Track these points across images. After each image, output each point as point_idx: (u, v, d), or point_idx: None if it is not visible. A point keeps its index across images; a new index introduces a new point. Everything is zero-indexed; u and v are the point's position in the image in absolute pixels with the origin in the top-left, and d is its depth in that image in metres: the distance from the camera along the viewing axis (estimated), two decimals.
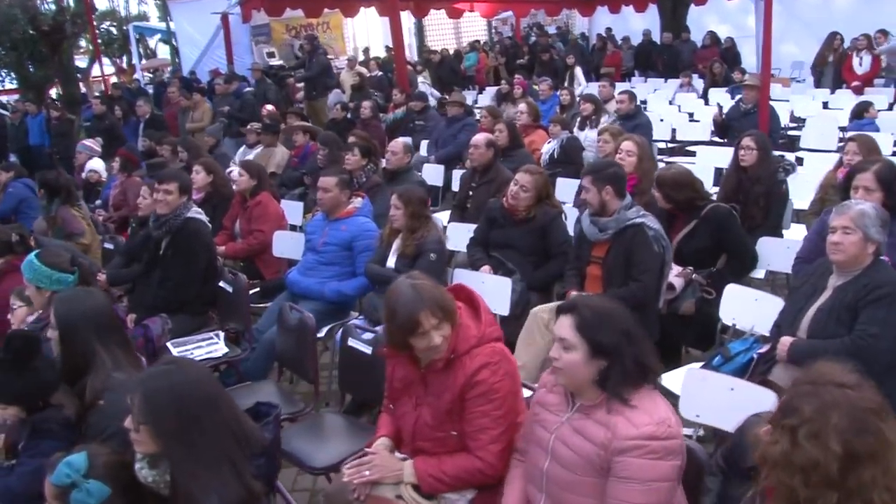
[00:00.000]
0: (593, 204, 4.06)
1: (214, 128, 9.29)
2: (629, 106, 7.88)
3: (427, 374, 2.57)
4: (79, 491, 1.88)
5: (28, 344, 2.52)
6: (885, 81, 10.50)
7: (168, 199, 4.54)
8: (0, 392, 2.55)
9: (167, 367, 2.07)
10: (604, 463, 2.14)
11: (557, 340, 2.22)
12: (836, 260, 3.22)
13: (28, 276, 3.31)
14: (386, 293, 2.57)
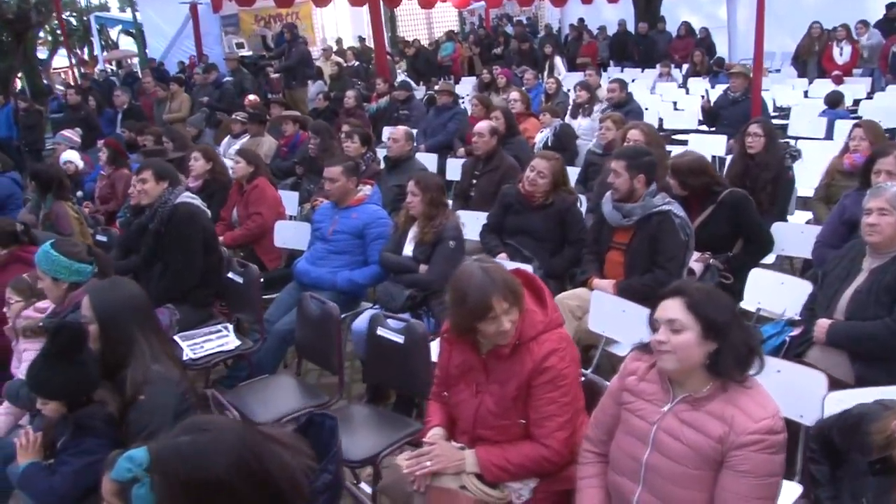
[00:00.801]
0: (621, 190, 4.00)
1: (196, 118, 9.06)
2: (620, 94, 7.87)
3: (488, 361, 2.50)
4: (140, 486, 1.74)
5: (75, 337, 2.39)
6: (862, 71, 10.65)
7: (145, 188, 4.39)
8: (44, 386, 2.43)
9: (191, 432, 1.66)
10: (718, 456, 2.08)
11: (665, 323, 2.14)
12: (873, 241, 3.21)
13: (45, 267, 3.15)
14: (454, 276, 2.48)
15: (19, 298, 3.40)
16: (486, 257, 2.59)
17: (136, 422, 2.42)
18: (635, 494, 2.22)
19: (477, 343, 2.50)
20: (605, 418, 2.40)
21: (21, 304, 3.39)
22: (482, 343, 2.50)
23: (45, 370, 2.40)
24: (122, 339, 2.52)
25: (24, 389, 3.13)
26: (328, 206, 4.73)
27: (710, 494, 2.11)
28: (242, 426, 1.70)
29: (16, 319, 3.36)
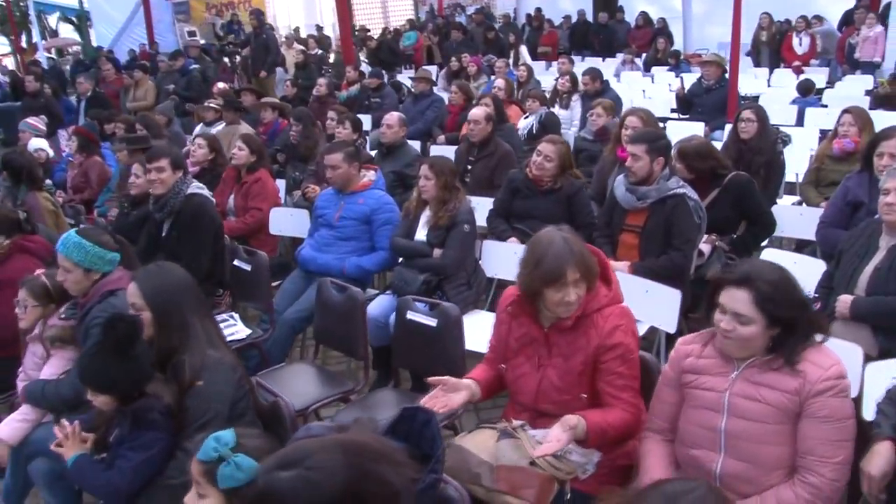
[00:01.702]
0: (640, 173, 4.02)
1: (166, 106, 8.83)
2: (594, 86, 7.96)
3: (550, 334, 2.51)
4: (227, 465, 1.74)
5: (131, 330, 2.31)
6: (819, 62, 10.97)
7: (162, 177, 4.28)
8: (98, 380, 2.35)
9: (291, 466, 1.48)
10: (797, 408, 2.16)
11: (731, 315, 2.19)
12: (891, 220, 3.32)
13: (78, 258, 3.00)
14: (533, 240, 2.49)
15: (36, 303, 3.21)
16: (568, 228, 2.56)
17: (195, 409, 2.37)
18: (716, 463, 2.26)
19: (539, 316, 2.51)
20: (664, 406, 2.45)
21: (38, 309, 3.21)
22: (545, 316, 2.51)
23: (100, 364, 2.32)
24: (177, 325, 2.45)
25: (49, 388, 3.03)
26: (331, 193, 4.66)
27: (790, 447, 2.19)
28: (348, 449, 1.58)
29: (41, 326, 3.20)
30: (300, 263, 4.59)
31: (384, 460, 1.61)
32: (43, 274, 3.27)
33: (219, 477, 1.73)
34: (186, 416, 2.36)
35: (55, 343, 3.13)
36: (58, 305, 3.23)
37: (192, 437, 2.34)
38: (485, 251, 4.40)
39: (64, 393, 2.97)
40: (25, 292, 3.21)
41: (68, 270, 3.02)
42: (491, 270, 4.35)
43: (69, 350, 3.14)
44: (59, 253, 3.05)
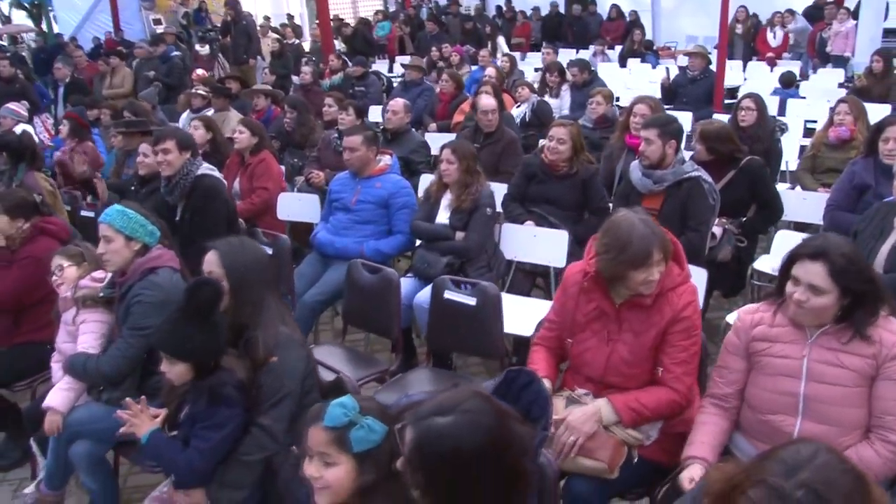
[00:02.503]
0: (653, 157, 4.12)
1: (149, 92, 8.69)
2: (581, 76, 8.07)
3: (622, 310, 2.58)
4: (359, 428, 1.74)
5: (215, 295, 2.28)
6: (791, 55, 11.25)
7: (168, 158, 4.25)
8: (180, 346, 2.30)
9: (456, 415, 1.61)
10: (873, 371, 2.27)
11: (806, 286, 2.27)
12: None
13: (120, 224, 2.96)
14: (611, 225, 2.53)
15: (71, 262, 3.21)
16: (639, 209, 2.63)
17: (269, 385, 2.36)
18: (795, 426, 2.36)
19: (611, 292, 2.58)
20: (731, 374, 2.53)
21: (74, 268, 3.21)
22: (618, 293, 2.58)
23: (181, 329, 2.28)
24: (252, 300, 2.43)
25: (91, 364, 3.00)
26: (347, 177, 4.67)
27: (866, 409, 2.30)
28: (490, 403, 1.68)
29: (72, 285, 3.16)
30: (316, 247, 4.58)
31: (511, 416, 1.68)
32: (76, 243, 3.28)
33: (353, 441, 1.73)
34: (260, 392, 2.35)
35: (87, 302, 3.10)
36: (90, 267, 3.23)
37: (267, 413, 2.36)
38: (504, 234, 4.46)
39: (105, 371, 2.96)
40: (59, 257, 3.23)
41: (110, 240, 2.98)
42: (510, 253, 4.41)
43: (100, 311, 3.12)
44: (101, 223, 3.02)
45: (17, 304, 3.65)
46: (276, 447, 2.37)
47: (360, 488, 1.75)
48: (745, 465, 1.46)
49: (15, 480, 3.75)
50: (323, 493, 1.77)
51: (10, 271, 3.63)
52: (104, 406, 3.01)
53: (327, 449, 1.76)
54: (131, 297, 2.96)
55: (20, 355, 3.68)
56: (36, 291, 3.66)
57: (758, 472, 1.38)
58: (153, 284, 2.96)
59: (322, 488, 1.77)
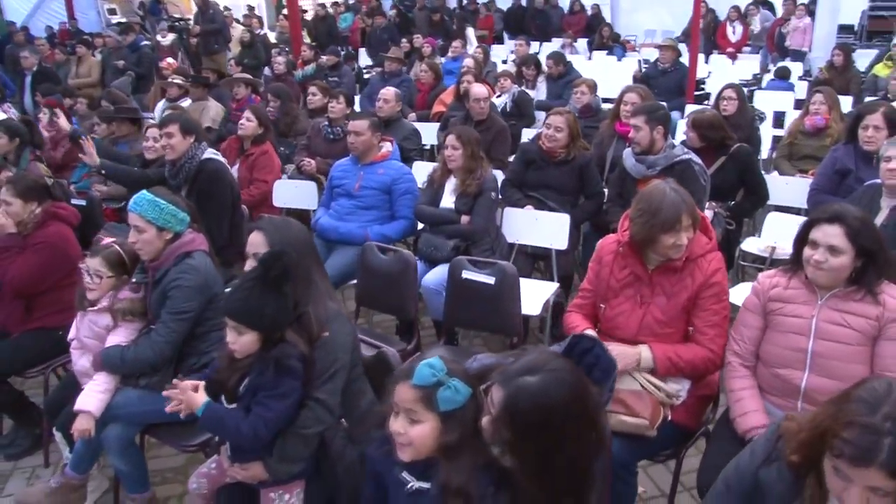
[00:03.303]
0: (643, 143, 4.31)
1: (122, 82, 8.55)
2: (557, 69, 8.25)
3: (655, 275, 2.75)
4: (446, 388, 1.82)
5: (287, 266, 2.31)
6: (751, 49, 11.62)
7: (172, 142, 4.29)
8: (255, 315, 2.29)
9: (543, 374, 1.73)
10: (875, 332, 2.46)
11: (825, 247, 2.46)
12: (892, 184, 3.69)
13: (152, 215, 2.97)
14: (645, 194, 2.72)
15: (111, 274, 3.14)
16: (672, 181, 2.79)
17: (323, 359, 2.40)
18: (802, 380, 2.55)
19: (645, 259, 2.75)
20: (750, 332, 2.71)
21: (112, 280, 3.14)
22: (650, 259, 2.75)
23: (256, 298, 2.28)
24: (302, 277, 2.47)
25: (128, 353, 3.00)
26: (348, 163, 4.74)
27: (868, 366, 2.49)
28: (570, 363, 1.81)
29: (110, 298, 3.13)
30: (318, 233, 4.63)
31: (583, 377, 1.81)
32: (115, 243, 3.22)
33: (440, 400, 1.81)
34: (314, 367, 2.40)
35: (126, 316, 3.09)
36: (129, 278, 3.19)
37: (322, 387, 2.42)
38: (506, 218, 4.58)
39: (149, 356, 2.97)
40: (100, 262, 3.13)
41: (141, 230, 2.98)
42: (512, 236, 4.54)
43: (136, 322, 3.13)
44: (132, 212, 3.00)
45: (33, 289, 3.61)
46: (332, 420, 2.43)
47: (442, 446, 1.84)
48: (826, 412, 1.60)
49: (28, 468, 3.73)
50: (406, 449, 1.85)
51: (24, 257, 3.58)
52: (138, 390, 3.03)
53: (414, 406, 1.84)
54: (168, 281, 2.98)
55: (33, 342, 3.65)
56: (51, 277, 3.64)
57: (843, 415, 1.52)
58: (191, 268, 2.99)
59: (405, 444, 1.85)
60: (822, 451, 1.58)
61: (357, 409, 2.56)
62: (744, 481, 1.81)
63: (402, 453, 1.86)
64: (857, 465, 1.48)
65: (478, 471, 1.79)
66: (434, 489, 1.84)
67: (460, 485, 1.77)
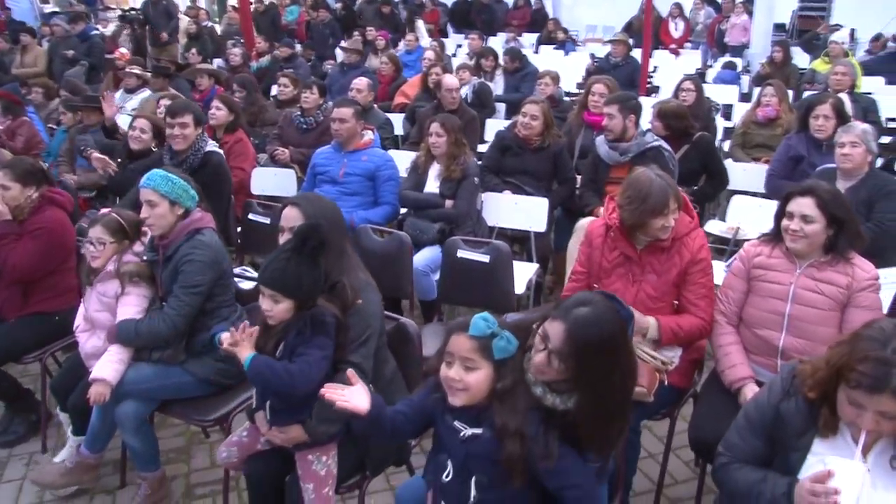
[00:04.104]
0: (616, 130, 4.56)
1: (76, 72, 8.39)
2: (513, 64, 8.51)
3: (644, 255, 2.96)
4: (500, 339, 2.00)
5: (323, 238, 2.44)
6: (692, 45, 12.09)
7: (186, 132, 4.37)
8: (289, 284, 2.41)
9: (593, 305, 1.98)
10: (845, 299, 2.74)
11: (799, 217, 2.74)
12: (847, 168, 4.04)
13: (166, 189, 3.05)
14: (632, 181, 2.92)
15: (112, 239, 3.21)
16: (657, 167, 3.01)
17: (357, 326, 2.54)
18: (780, 340, 2.83)
19: (634, 240, 2.96)
20: (735, 295, 2.98)
21: (114, 245, 3.21)
22: (639, 240, 2.96)
23: (293, 269, 2.40)
24: (335, 249, 2.60)
25: (142, 326, 3.07)
26: (331, 151, 4.85)
27: (837, 329, 2.76)
28: (607, 300, 2.03)
29: (115, 263, 3.19)
30: None
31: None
32: (112, 211, 3.29)
33: (495, 350, 1.99)
34: (349, 333, 2.54)
35: (133, 278, 3.15)
36: (131, 243, 3.27)
37: (357, 351, 2.56)
38: (486, 202, 4.77)
39: (162, 329, 3.04)
40: (101, 229, 3.20)
41: (154, 204, 3.05)
42: (492, 220, 4.74)
43: (143, 287, 3.18)
44: (145, 188, 3.08)
45: (34, 275, 3.63)
46: (366, 382, 2.57)
47: (496, 391, 2.02)
48: (839, 352, 1.85)
49: (24, 455, 3.75)
50: (460, 395, 2.01)
51: (23, 243, 3.59)
52: (153, 366, 3.11)
53: (471, 355, 2.00)
54: (180, 257, 3.06)
55: (30, 327, 3.68)
56: (50, 263, 3.67)
57: (857, 352, 1.77)
58: (202, 244, 3.08)
59: (461, 390, 2.01)
60: (836, 385, 1.83)
61: (382, 376, 2.71)
62: (765, 415, 2.05)
63: (456, 399, 2.02)
64: (871, 393, 1.73)
65: (529, 413, 1.98)
66: (487, 433, 2.01)
67: (517, 426, 1.95)
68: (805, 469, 1.90)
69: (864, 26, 11.95)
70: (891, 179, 4.04)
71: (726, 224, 4.77)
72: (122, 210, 3.33)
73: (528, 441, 1.96)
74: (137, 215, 3.27)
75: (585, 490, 2.01)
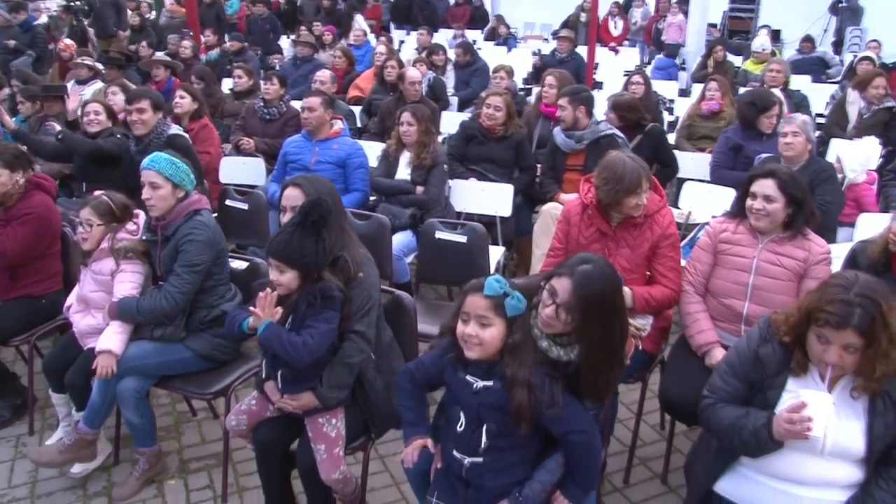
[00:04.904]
0: (568, 120, 4.86)
1: (23, 62, 8.25)
2: (465, 58, 8.75)
3: (618, 231, 3.22)
4: (512, 298, 2.22)
5: (326, 213, 2.59)
6: (629, 43, 12.57)
7: (143, 117, 4.46)
8: (294, 254, 2.57)
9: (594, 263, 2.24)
10: (802, 271, 3.05)
11: (762, 197, 3.04)
12: (789, 156, 4.39)
13: (170, 172, 3.17)
14: (607, 163, 3.15)
15: (100, 221, 3.31)
16: (626, 149, 3.26)
17: (359, 297, 2.72)
18: (744, 307, 3.13)
19: (608, 218, 3.22)
20: (703, 267, 3.27)
21: (102, 227, 3.31)
22: (613, 217, 3.22)
23: (298, 241, 2.57)
24: (336, 224, 2.75)
25: (144, 304, 3.19)
26: (301, 140, 4.99)
27: (795, 298, 3.02)
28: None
29: (109, 241, 3.29)
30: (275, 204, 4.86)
31: None
32: (103, 194, 3.39)
33: (508, 307, 2.21)
34: (351, 305, 2.72)
35: (128, 254, 3.26)
36: (120, 224, 3.37)
37: (360, 321, 2.75)
38: (454, 188, 4.98)
39: (165, 307, 3.15)
40: (89, 211, 3.30)
41: (157, 186, 3.17)
42: (459, 205, 4.97)
43: (138, 263, 3.30)
44: (149, 170, 3.19)
45: (25, 260, 3.68)
46: (370, 350, 2.77)
47: (508, 345, 2.24)
48: (809, 298, 2.17)
49: (12, 437, 3.78)
50: (476, 349, 2.23)
51: (13, 229, 3.63)
52: (153, 343, 3.23)
53: (486, 313, 2.22)
54: (180, 237, 3.19)
55: (17, 310, 3.72)
56: (38, 247, 3.73)
57: (825, 296, 2.09)
58: (202, 224, 3.22)
59: (477, 344, 2.22)
60: (807, 329, 2.13)
61: (381, 342, 2.89)
62: (745, 359, 2.34)
63: (472, 352, 2.23)
64: (837, 329, 2.05)
65: (536, 365, 2.21)
66: (497, 385, 2.23)
67: (525, 377, 2.18)
68: (781, 404, 2.20)
69: (789, 27, 12.64)
70: (829, 165, 4.43)
71: (678, 210, 5.09)
72: (112, 193, 3.42)
73: (536, 391, 2.19)
74: (127, 198, 3.40)
75: (588, 434, 2.26)
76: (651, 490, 3.41)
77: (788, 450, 2.20)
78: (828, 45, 12.35)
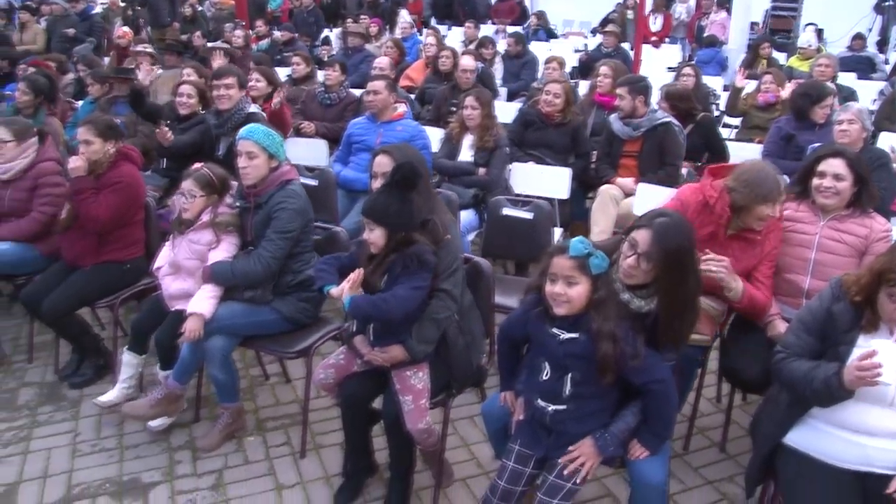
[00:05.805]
0: (626, 109, 5.00)
1: (84, 48, 8.53)
2: (516, 48, 8.91)
3: (731, 241, 3.16)
4: (595, 257, 2.37)
5: (414, 174, 2.74)
6: (670, 40, 12.63)
7: (230, 93, 4.66)
8: (379, 212, 2.73)
9: (670, 216, 2.45)
10: (863, 247, 3.17)
11: (832, 175, 3.17)
12: (844, 142, 4.46)
13: (266, 142, 3.37)
14: (749, 167, 3.11)
15: (202, 193, 3.49)
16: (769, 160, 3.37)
17: (446, 258, 2.88)
18: (806, 283, 3.24)
19: (726, 224, 3.14)
20: None
21: (203, 199, 3.49)
22: (733, 224, 3.15)
23: (384, 200, 2.74)
24: (424, 189, 2.89)
25: (239, 265, 3.39)
26: (366, 121, 5.17)
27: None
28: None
29: (210, 214, 3.49)
30: (342, 183, 5.05)
31: None
32: (203, 166, 3.58)
33: (592, 266, 2.36)
34: (440, 264, 2.86)
35: (228, 227, 3.47)
36: (220, 196, 3.57)
37: (447, 280, 2.91)
38: (514, 171, 5.14)
39: (258, 269, 3.36)
40: (192, 182, 3.49)
41: (254, 156, 3.38)
42: (519, 187, 5.12)
43: (234, 235, 3.51)
44: (247, 140, 3.39)
45: (113, 227, 3.90)
46: (456, 307, 2.93)
47: (593, 301, 2.39)
48: (880, 261, 2.31)
49: (96, 395, 3.95)
50: (564, 306, 2.38)
51: (105, 196, 3.84)
52: (242, 305, 3.42)
53: (572, 272, 2.37)
54: (273, 205, 3.39)
55: (104, 274, 3.96)
56: (126, 215, 3.94)
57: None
58: (294, 193, 3.42)
59: (564, 302, 2.38)
60: (878, 289, 2.26)
61: (463, 303, 3.04)
62: (817, 316, 2.48)
63: (560, 309, 2.39)
64: None
65: (619, 319, 2.36)
66: (583, 336, 2.39)
67: (610, 329, 2.34)
68: (851, 358, 2.32)
69: (832, 26, 12.63)
70: (883, 153, 4.51)
71: None
72: (213, 165, 3.61)
73: (621, 343, 2.35)
74: (226, 172, 3.59)
75: (666, 384, 2.42)
76: (710, 457, 3.55)
77: (858, 400, 2.33)
78: (871, 44, 12.32)
